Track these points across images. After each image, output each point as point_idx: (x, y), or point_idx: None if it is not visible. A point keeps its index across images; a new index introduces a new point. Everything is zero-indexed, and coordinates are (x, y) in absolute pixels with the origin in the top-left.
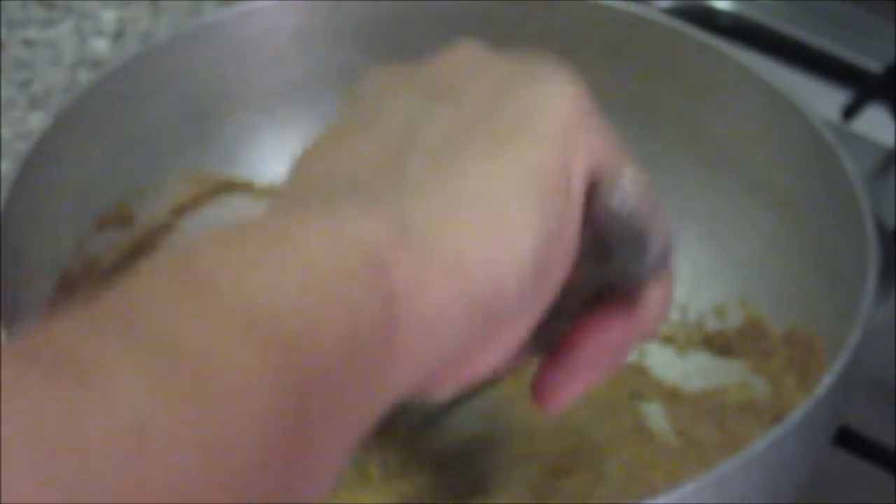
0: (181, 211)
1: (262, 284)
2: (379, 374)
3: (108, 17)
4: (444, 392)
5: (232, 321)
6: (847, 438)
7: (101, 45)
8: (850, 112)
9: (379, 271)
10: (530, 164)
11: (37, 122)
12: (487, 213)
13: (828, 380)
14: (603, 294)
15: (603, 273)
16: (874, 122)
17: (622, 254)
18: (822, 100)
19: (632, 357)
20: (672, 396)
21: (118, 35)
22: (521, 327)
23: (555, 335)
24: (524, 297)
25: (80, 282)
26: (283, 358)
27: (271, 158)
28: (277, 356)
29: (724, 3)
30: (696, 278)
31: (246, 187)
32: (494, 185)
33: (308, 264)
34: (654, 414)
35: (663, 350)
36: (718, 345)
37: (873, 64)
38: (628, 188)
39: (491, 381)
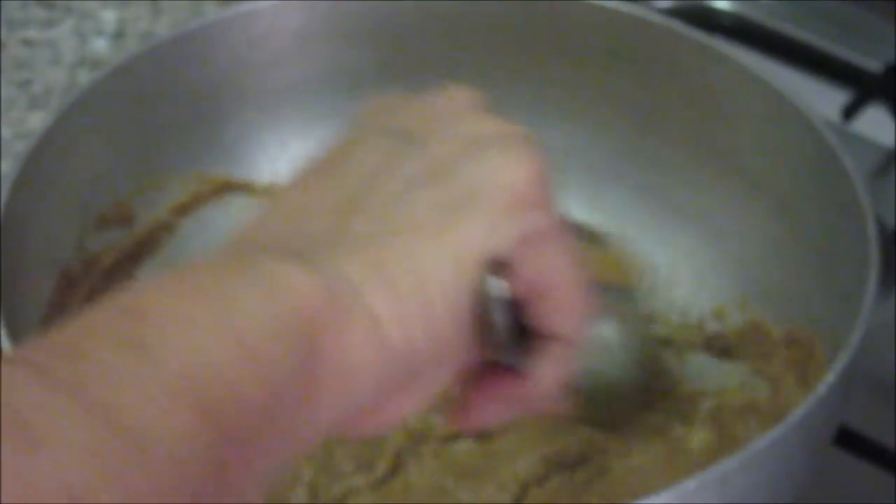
0: (181, 210)
1: (194, 348)
2: (297, 424)
3: (109, 17)
4: (364, 433)
5: (166, 389)
6: (847, 438)
7: (101, 45)
8: (849, 112)
9: (304, 330)
10: (460, 241)
11: (37, 121)
12: (415, 286)
13: (828, 379)
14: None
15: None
16: (874, 123)
17: (495, 335)
18: (823, 100)
19: None
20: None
21: (118, 35)
22: (437, 380)
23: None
24: (439, 355)
25: (81, 280)
26: (209, 423)
27: (271, 158)
28: (203, 422)
29: (723, 3)
30: (697, 279)
31: (246, 187)
32: (423, 253)
33: (239, 325)
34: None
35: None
36: (719, 346)
37: (873, 64)
38: (509, 287)
39: None
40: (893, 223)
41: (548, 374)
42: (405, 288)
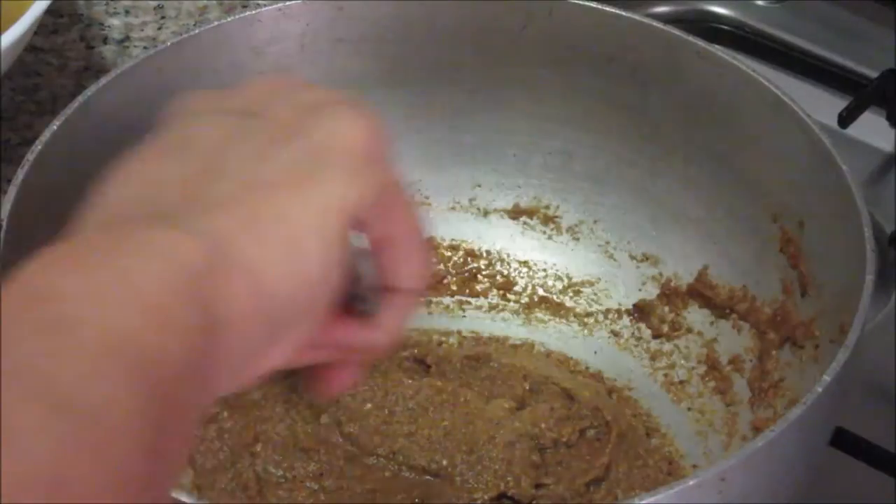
0: None
1: (112, 320)
2: (207, 379)
3: (114, 24)
4: (245, 384)
5: (98, 362)
6: (844, 439)
7: (106, 52)
8: (846, 118)
9: (194, 287)
10: (323, 192)
11: (43, 127)
12: (285, 235)
13: (825, 380)
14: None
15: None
16: (871, 127)
17: (360, 285)
18: (820, 105)
19: None
20: None
21: (124, 42)
22: (303, 330)
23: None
24: (310, 303)
25: None
26: (142, 386)
27: None
28: (137, 386)
29: (722, 9)
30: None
31: None
32: (289, 204)
33: (144, 291)
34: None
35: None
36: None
37: (870, 70)
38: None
39: None
40: (890, 226)
41: (394, 322)
42: (275, 238)
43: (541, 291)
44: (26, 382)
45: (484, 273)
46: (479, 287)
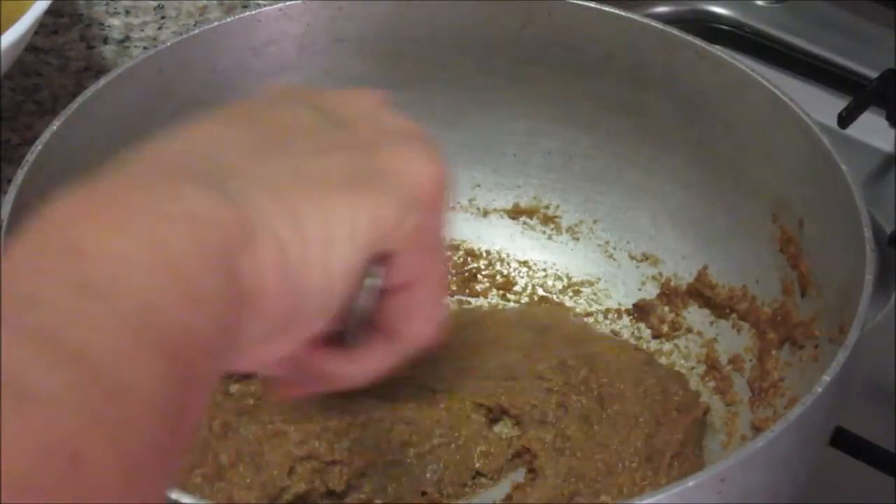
0: None
1: (141, 288)
2: (230, 352)
3: (115, 24)
4: (235, 368)
5: (129, 333)
6: (843, 439)
7: (107, 52)
8: (846, 118)
9: (227, 257)
10: (365, 206)
11: (43, 127)
12: (321, 230)
13: (825, 380)
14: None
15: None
16: (871, 127)
17: (353, 313)
18: (820, 105)
19: None
20: None
21: (124, 42)
22: (307, 329)
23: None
24: (323, 303)
25: None
26: (171, 362)
27: None
28: (167, 363)
29: (721, 9)
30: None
31: None
32: (330, 204)
33: (176, 262)
34: None
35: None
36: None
37: (870, 70)
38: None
39: None
40: (890, 226)
41: (376, 365)
42: (309, 229)
43: (541, 291)
44: (55, 348)
45: (484, 273)
46: (479, 287)
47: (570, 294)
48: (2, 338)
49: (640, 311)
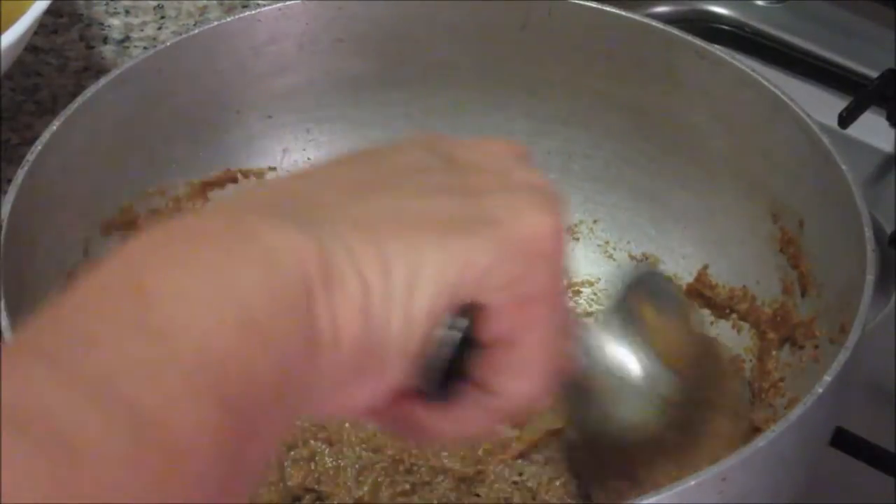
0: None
1: (206, 331)
2: (298, 400)
3: (114, 23)
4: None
5: (187, 382)
6: (844, 439)
7: (106, 52)
8: (846, 118)
9: (303, 299)
10: (459, 254)
11: (43, 127)
12: (406, 273)
13: (825, 381)
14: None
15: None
16: (871, 127)
17: (425, 364)
18: (820, 105)
19: None
20: None
21: (124, 42)
22: (394, 374)
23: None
24: (404, 350)
25: None
26: (229, 414)
27: (275, 163)
28: (224, 414)
29: (722, 9)
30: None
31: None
32: (422, 249)
33: (246, 302)
34: None
35: None
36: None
37: (870, 70)
38: (466, 327)
39: None
40: (890, 226)
41: (464, 423)
42: (395, 271)
43: None
44: (109, 398)
45: None
46: None
47: (570, 294)
48: (55, 382)
49: None
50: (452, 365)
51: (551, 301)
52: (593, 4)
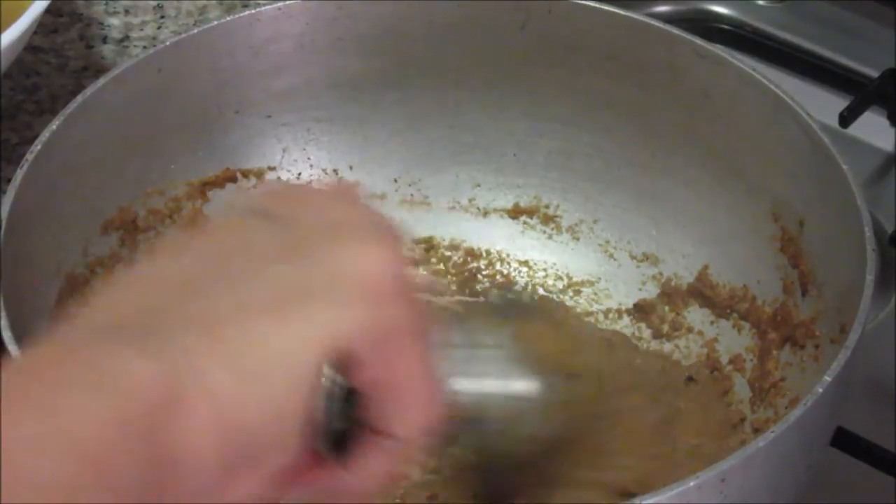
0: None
1: (40, 471)
2: None
3: (114, 23)
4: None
5: None
6: (844, 439)
7: (106, 52)
8: (847, 117)
9: (148, 425)
10: (308, 325)
11: (43, 127)
12: (258, 364)
13: (826, 380)
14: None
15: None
16: (872, 127)
17: (317, 425)
18: (820, 105)
19: None
20: None
21: (123, 41)
22: (276, 463)
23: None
24: (279, 439)
25: (85, 285)
26: None
27: (274, 163)
28: None
29: (722, 8)
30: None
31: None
32: (269, 333)
33: (84, 437)
34: None
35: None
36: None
37: (870, 70)
38: (346, 379)
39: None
40: (891, 226)
41: (372, 472)
42: (248, 367)
43: (541, 291)
44: None
45: (484, 273)
46: (479, 287)
47: (571, 294)
48: None
49: (641, 310)
50: (344, 420)
51: (410, 330)
52: (593, 4)
